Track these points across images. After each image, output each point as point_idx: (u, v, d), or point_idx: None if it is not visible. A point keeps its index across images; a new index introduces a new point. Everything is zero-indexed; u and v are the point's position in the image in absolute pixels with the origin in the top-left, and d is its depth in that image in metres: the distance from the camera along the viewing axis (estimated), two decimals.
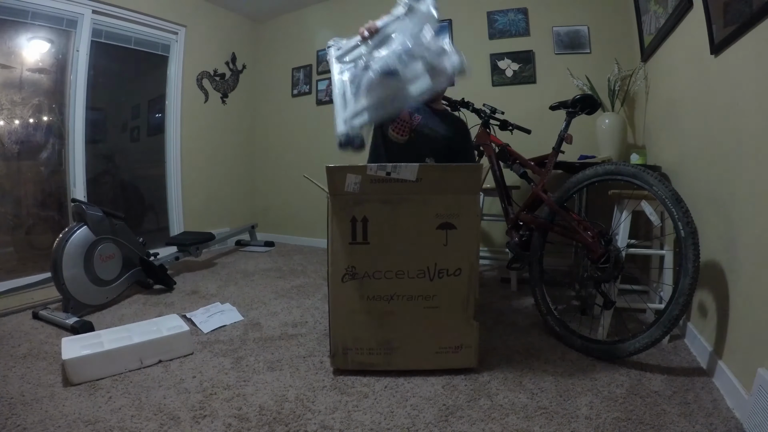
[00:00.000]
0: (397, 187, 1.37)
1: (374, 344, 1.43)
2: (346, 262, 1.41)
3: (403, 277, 1.41)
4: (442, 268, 1.40)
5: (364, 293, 1.42)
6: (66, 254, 1.98)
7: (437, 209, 1.39)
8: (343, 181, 1.37)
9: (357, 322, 1.43)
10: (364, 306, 1.42)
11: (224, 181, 3.93)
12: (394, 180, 1.37)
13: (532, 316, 1.98)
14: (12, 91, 2.58)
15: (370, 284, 1.41)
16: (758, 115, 1.18)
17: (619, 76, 2.52)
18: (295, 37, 3.97)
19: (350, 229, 1.40)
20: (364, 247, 1.41)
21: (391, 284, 1.41)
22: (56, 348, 1.62)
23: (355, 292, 1.42)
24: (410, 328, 1.43)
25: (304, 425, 1.16)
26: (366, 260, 1.41)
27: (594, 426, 1.13)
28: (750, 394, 1.10)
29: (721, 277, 1.39)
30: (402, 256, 1.41)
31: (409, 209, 1.39)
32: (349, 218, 1.40)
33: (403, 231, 1.40)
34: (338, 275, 1.42)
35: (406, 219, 1.39)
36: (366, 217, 1.40)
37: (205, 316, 1.98)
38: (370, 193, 1.38)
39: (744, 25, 1.22)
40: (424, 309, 1.42)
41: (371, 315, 1.42)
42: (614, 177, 1.60)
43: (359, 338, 1.43)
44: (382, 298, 1.42)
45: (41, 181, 2.79)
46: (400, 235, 1.40)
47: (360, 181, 1.38)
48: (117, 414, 1.21)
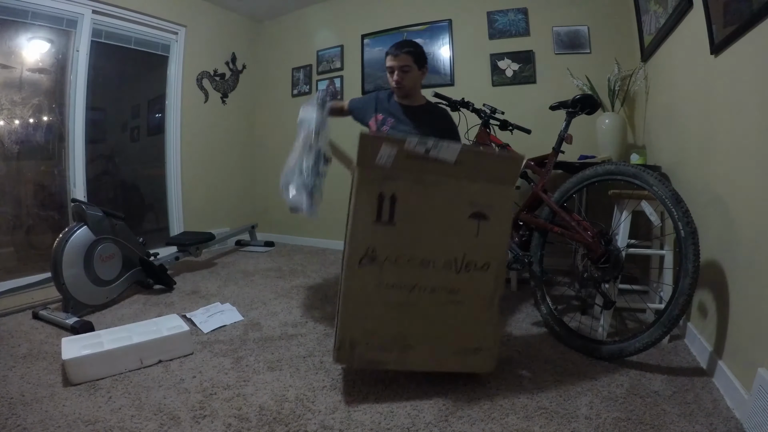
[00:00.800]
0: (433, 168, 1.24)
1: (388, 339, 1.28)
2: (366, 242, 1.24)
3: (428, 267, 1.27)
4: (470, 261, 1.28)
5: (383, 280, 1.26)
6: (66, 254, 1.98)
7: (472, 197, 1.26)
8: (376, 151, 1.21)
9: (371, 313, 1.27)
10: (382, 295, 1.26)
11: (224, 181, 3.93)
12: (431, 159, 1.23)
13: (532, 316, 1.98)
14: (12, 91, 2.58)
15: (391, 271, 1.25)
16: (758, 115, 1.17)
17: (619, 76, 2.52)
18: (295, 37, 3.97)
19: (376, 207, 1.23)
20: (389, 229, 1.24)
21: (414, 273, 1.26)
22: (56, 348, 1.62)
23: (372, 279, 1.25)
24: (430, 324, 1.29)
25: (304, 425, 1.16)
26: (389, 243, 1.25)
27: (594, 426, 1.13)
28: (750, 394, 1.10)
29: (721, 277, 1.39)
30: (429, 243, 1.27)
31: (443, 193, 1.26)
32: (376, 194, 1.23)
33: (433, 215, 1.26)
34: (356, 257, 1.24)
35: (438, 203, 1.26)
36: (395, 196, 1.24)
37: (205, 316, 1.98)
38: (403, 170, 1.23)
39: (744, 25, 1.22)
40: (447, 304, 1.29)
41: (388, 306, 1.27)
42: (614, 177, 1.60)
43: (371, 331, 1.27)
44: (402, 288, 1.26)
45: (41, 181, 2.79)
46: (430, 220, 1.26)
47: (394, 155, 1.22)
48: (117, 414, 1.21)
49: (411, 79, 1.88)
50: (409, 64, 1.86)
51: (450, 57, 3.25)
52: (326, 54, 3.79)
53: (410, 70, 1.87)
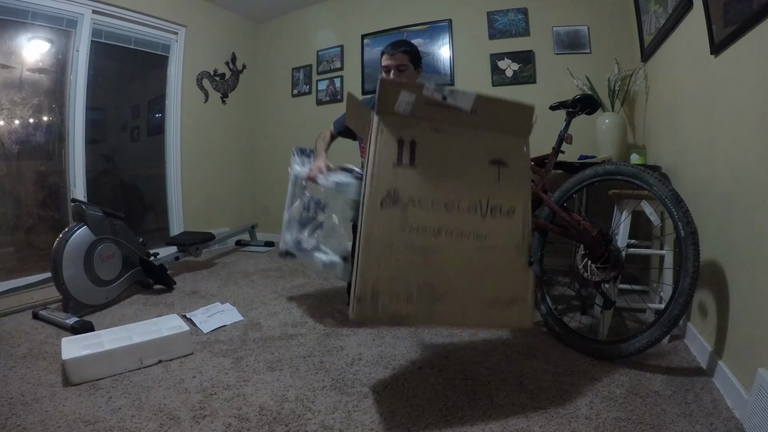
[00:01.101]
0: (450, 116, 1.24)
1: (414, 289, 1.16)
2: (388, 184, 1.18)
3: (453, 210, 1.20)
4: (495, 205, 1.23)
5: (407, 223, 1.17)
6: (66, 254, 1.98)
7: (489, 145, 1.26)
8: (395, 99, 1.21)
9: (395, 259, 1.16)
10: (406, 239, 1.16)
11: (224, 181, 3.93)
12: (448, 107, 1.23)
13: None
14: (12, 91, 2.58)
15: (415, 213, 1.18)
16: (758, 115, 1.18)
17: (619, 76, 2.52)
18: (295, 37, 3.97)
19: (396, 151, 1.21)
20: (411, 171, 1.20)
21: (439, 216, 1.20)
22: (56, 348, 1.62)
23: (395, 222, 1.17)
24: (460, 272, 1.20)
25: (304, 425, 1.16)
26: (412, 185, 1.19)
27: (594, 426, 1.13)
28: (750, 394, 1.10)
29: (721, 277, 1.39)
30: (452, 185, 1.22)
31: (461, 141, 1.26)
32: (395, 140, 1.21)
33: (453, 161, 1.24)
34: (377, 198, 1.17)
35: (457, 150, 1.25)
36: (414, 141, 1.22)
37: (205, 316, 1.98)
38: (421, 117, 1.23)
39: (744, 25, 1.22)
40: (476, 251, 1.20)
41: (414, 251, 1.17)
42: (614, 177, 1.60)
43: (396, 279, 1.16)
44: (428, 231, 1.18)
45: (41, 181, 2.79)
46: (451, 165, 1.24)
47: (413, 102, 1.21)
48: (117, 414, 1.21)
49: (407, 78, 1.88)
50: (406, 63, 1.86)
51: (450, 57, 3.25)
52: (326, 54, 3.79)
53: (406, 69, 1.86)
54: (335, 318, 2.00)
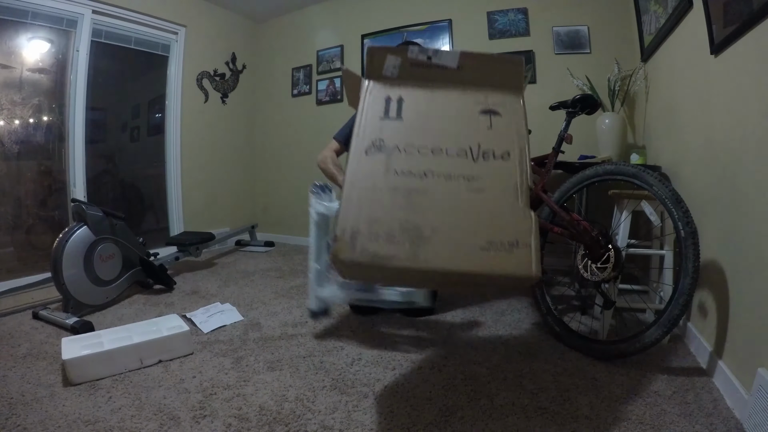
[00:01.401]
0: (437, 74, 1.24)
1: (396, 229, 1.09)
2: (373, 134, 1.19)
3: (441, 155, 1.17)
4: (487, 150, 1.18)
5: (391, 168, 1.15)
6: (66, 254, 1.98)
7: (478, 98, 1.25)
8: (382, 63, 1.24)
9: (377, 201, 1.12)
10: (389, 182, 1.14)
11: (224, 181, 3.93)
12: (434, 66, 1.26)
13: (532, 316, 1.98)
14: (12, 91, 2.58)
15: (399, 158, 1.16)
16: (758, 115, 1.18)
17: (619, 76, 2.52)
18: (295, 37, 3.97)
19: (384, 107, 1.23)
20: (397, 122, 1.21)
21: (425, 160, 1.16)
22: (56, 348, 1.62)
23: (379, 166, 1.15)
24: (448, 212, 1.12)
25: (304, 425, 1.16)
26: (398, 134, 1.19)
27: (594, 426, 1.13)
28: (750, 394, 1.10)
29: (721, 277, 1.39)
30: (440, 134, 1.20)
31: (448, 95, 1.24)
32: (383, 97, 1.24)
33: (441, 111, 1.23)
34: (362, 147, 1.17)
35: (445, 102, 1.24)
36: (401, 98, 1.24)
37: (205, 316, 1.98)
38: (408, 78, 1.25)
39: (744, 25, 1.22)
40: (467, 191, 1.14)
41: (397, 192, 1.13)
42: (614, 177, 1.60)
43: (377, 220, 1.10)
44: (413, 175, 1.14)
45: (41, 181, 2.79)
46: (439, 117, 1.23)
47: (400, 64, 1.24)
48: (117, 414, 1.21)
49: None
50: None
51: None
52: (326, 54, 3.79)
53: None
54: (335, 318, 2.00)
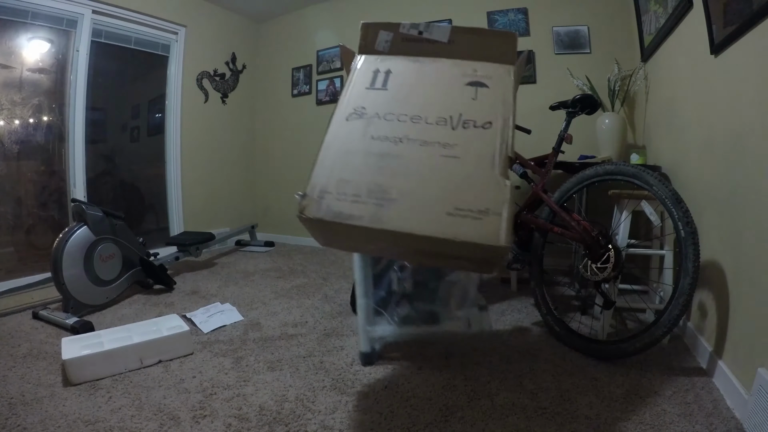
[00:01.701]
0: (428, 48, 1.27)
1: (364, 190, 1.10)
2: (356, 102, 1.23)
3: (420, 122, 1.18)
4: (468, 119, 1.17)
5: (368, 133, 1.17)
6: (66, 254, 1.99)
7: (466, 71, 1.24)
8: (375, 38, 1.29)
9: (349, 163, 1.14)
10: (365, 145, 1.16)
11: (224, 181, 3.93)
12: (425, 40, 1.26)
13: (532, 316, 1.98)
14: (12, 91, 2.58)
15: (378, 124, 1.19)
16: (758, 115, 1.18)
17: (619, 76, 2.52)
18: (295, 37, 3.97)
19: (371, 78, 1.27)
20: (381, 92, 1.24)
21: (403, 127, 1.18)
22: (56, 348, 1.62)
23: (357, 132, 1.18)
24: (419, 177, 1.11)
25: (304, 425, 1.16)
26: (380, 103, 1.22)
27: (594, 426, 1.13)
28: (750, 394, 1.10)
29: (721, 277, 1.39)
30: (422, 103, 1.21)
31: (437, 67, 1.26)
32: (372, 70, 1.28)
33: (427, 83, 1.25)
34: (344, 113, 1.22)
35: (433, 74, 1.26)
36: (390, 70, 1.28)
37: (205, 316, 1.98)
38: (399, 53, 1.29)
39: (744, 25, 1.22)
40: (441, 157, 1.13)
41: (369, 155, 1.14)
42: (614, 177, 1.60)
43: (347, 181, 1.12)
44: (389, 140, 1.16)
45: (41, 181, 2.79)
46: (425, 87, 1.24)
47: (391, 39, 1.28)
48: (117, 414, 1.21)
49: None
50: None
51: None
52: (326, 54, 3.79)
53: None
54: (335, 318, 2.00)
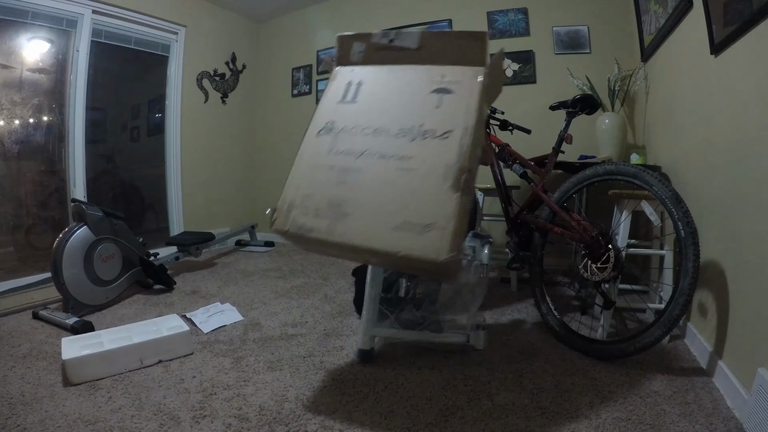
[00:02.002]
0: (399, 56, 1.28)
1: (325, 204, 1.17)
2: (327, 117, 1.30)
3: (382, 135, 1.20)
4: (429, 129, 1.16)
5: (334, 148, 1.23)
6: (66, 254, 1.98)
7: (434, 77, 1.23)
8: (349, 49, 1.33)
9: (314, 178, 1.22)
10: (329, 160, 1.22)
11: (224, 181, 3.93)
12: (396, 48, 1.28)
13: (532, 316, 1.98)
14: (12, 91, 2.58)
15: (343, 138, 1.24)
16: (758, 115, 1.18)
17: (619, 76, 2.52)
18: (295, 37, 3.97)
19: (343, 91, 1.32)
20: (351, 106, 1.29)
21: (366, 140, 1.21)
22: (56, 348, 1.62)
23: (324, 146, 1.25)
24: (374, 191, 1.15)
25: (304, 425, 1.16)
26: (348, 117, 1.27)
27: (594, 426, 1.13)
28: (750, 394, 1.10)
29: (721, 277, 1.39)
30: (388, 115, 1.24)
31: (406, 76, 1.27)
32: (345, 82, 1.33)
33: (395, 93, 1.27)
34: (316, 129, 1.30)
35: (401, 84, 1.27)
36: (362, 81, 1.31)
37: (205, 316, 1.98)
38: (373, 62, 1.32)
39: (744, 25, 1.22)
40: (396, 170, 1.14)
41: (332, 170, 1.21)
42: (614, 177, 1.60)
43: (310, 196, 1.21)
44: (351, 154, 1.20)
45: (41, 181, 2.79)
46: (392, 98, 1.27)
47: (364, 49, 1.32)
48: (117, 414, 1.21)
49: None
50: None
51: None
52: (326, 54, 3.79)
53: None
54: (335, 318, 2.00)
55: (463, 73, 1.21)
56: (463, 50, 1.24)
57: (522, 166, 2.01)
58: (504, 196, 2.06)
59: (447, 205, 1.06)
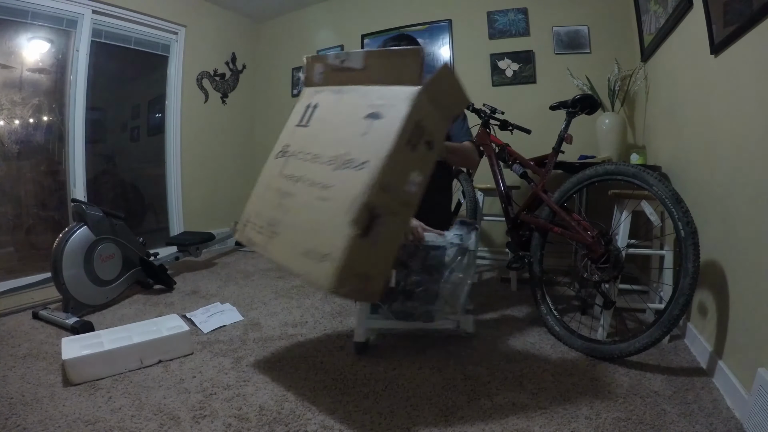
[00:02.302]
0: (349, 77, 1.32)
1: (265, 223, 1.32)
2: (285, 140, 1.40)
3: (317, 162, 1.25)
4: (351, 159, 1.16)
5: (283, 170, 1.35)
6: (66, 254, 1.98)
7: (373, 99, 1.22)
8: (312, 71, 1.43)
9: (264, 198, 1.38)
10: (277, 183, 1.35)
11: (224, 181, 3.93)
12: (346, 69, 1.33)
13: (532, 316, 1.98)
14: (12, 91, 2.57)
15: (291, 162, 1.34)
16: (758, 115, 1.18)
17: (619, 76, 2.52)
18: (295, 37, 3.97)
19: (302, 114, 1.40)
20: (303, 129, 1.38)
21: (304, 166, 1.29)
22: (56, 348, 1.62)
23: (277, 169, 1.37)
24: (298, 216, 1.25)
25: (304, 425, 1.16)
26: (300, 140, 1.36)
27: (594, 426, 1.13)
28: (750, 394, 1.10)
29: (721, 277, 1.39)
30: (326, 140, 1.29)
31: (352, 98, 1.30)
32: (305, 105, 1.41)
33: (338, 117, 1.31)
34: (276, 150, 1.42)
35: (345, 107, 1.30)
36: (317, 104, 1.38)
37: (205, 316, 1.98)
38: (330, 83, 1.39)
39: (744, 25, 1.22)
40: (316, 199, 1.19)
41: (275, 193, 1.34)
42: (614, 177, 1.60)
43: (259, 214, 1.37)
44: (292, 179, 1.30)
45: (41, 181, 2.79)
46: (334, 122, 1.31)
47: (323, 71, 1.40)
48: (117, 414, 1.21)
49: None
50: None
51: (450, 57, 3.25)
52: (326, 54, 3.78)
53: None
54: (335, 318, 2.00)
55: (395, 94, 1.17)
56: (400, 69, 1.20)
57: (522, 166, 2.01)
58: (504, 196, 2.06)
59: (340, 239, 1.08)
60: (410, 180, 1.16)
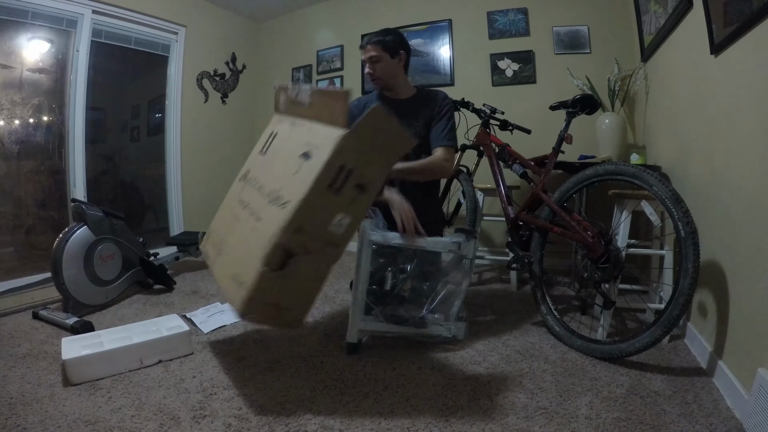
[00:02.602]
0: (301, 111, 1.40)
1: (218, 241, 1.45)
2: (248, 165, 1.54)
3: (260, 192, 1.33)
4: (280, 196, 1.20)
5: (240, 194, 1.47)
6: (66, 254, 1.98)
7: (310, 137, 1.25)
8: (279, 98, 1.56)
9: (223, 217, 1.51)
10: (232, 205, 1.48)
11: (224, 181, 3.88)
12: (299, 103, 1.41)
13: (532, 316, 1.98)
14: (12, 91, 2.57)
15: (246, 188, 1.45)
16: (758, 115, 1.18)
17: (619, 76, 2.52)
18: (295, 37, 3.97)
19: (265, 141, 1.51)
20: (261, 158, 1.49)
21: (253, 195, 1.38)
22: (56, 348, 1.62)
23: (236, 192, 1.51)
24: (237, 240, 1.34)
25: (304, 425, 1.16)
26: (256, 168, 1.47)
27: (594, 426, 1.13)
28: (750, 394, 1.10)
29: (721, 277, 1.39)
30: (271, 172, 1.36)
31: (296, 134, 1.36)
32: (269, 133, 1.51)
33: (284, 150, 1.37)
34: (240, 174, 1.56)
35: (291, 141, 1.35)
36: (277, 133, 1.46)
37: (205, 316, 1.98)
38: (290, 113, 1.48)
39: (744, 25, 1.22)
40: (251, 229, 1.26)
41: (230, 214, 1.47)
42: (614, 177, 1.60)
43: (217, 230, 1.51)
44: (242, 203, 1.41)
45: (41, 181, 2.79)
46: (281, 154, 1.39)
47: (286, 101, 1.50)
48: (117, 414, 1.21)
49: (383, 69, 1.78)
50: (377, 54, 1.75)
51: (450, 57, 3.25)
52: (326, 54, 3.79)
53: (380, 60, 1.76)
54: (335, 318, 2.00)
55: (328, 135, 1.18)
56: (330, 110, 1.22)
57: (522, 166, 2.01)
58: (504, 196, 2.06)
59: (253, 271, 1.14)
60: (335, 222, 1.17)
